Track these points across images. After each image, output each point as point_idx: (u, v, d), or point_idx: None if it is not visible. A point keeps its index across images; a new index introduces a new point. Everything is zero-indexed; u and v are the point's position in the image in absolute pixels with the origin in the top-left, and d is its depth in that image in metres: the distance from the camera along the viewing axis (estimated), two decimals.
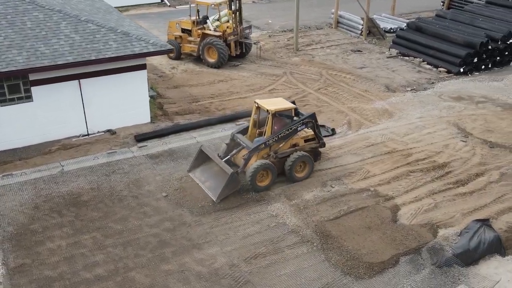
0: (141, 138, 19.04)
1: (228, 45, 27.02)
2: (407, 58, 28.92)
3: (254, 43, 28.00)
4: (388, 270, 12.93)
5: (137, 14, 37.74)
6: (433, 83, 25.55)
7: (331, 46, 31.27)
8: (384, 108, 22.29)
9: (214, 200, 15.21)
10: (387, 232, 14.19)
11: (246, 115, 21.07)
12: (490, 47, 26.92)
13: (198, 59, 27.55)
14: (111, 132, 19.50)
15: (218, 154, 16.54)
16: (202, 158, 16.48)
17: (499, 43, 27.35)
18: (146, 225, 14.42)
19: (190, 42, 27.72)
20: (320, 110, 21.97)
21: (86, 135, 19.17)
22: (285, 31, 34.21)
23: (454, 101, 23.11)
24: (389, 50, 30.04)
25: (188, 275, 12.63)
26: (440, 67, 27.17)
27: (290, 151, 16.36)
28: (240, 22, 27.43)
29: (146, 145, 18.55)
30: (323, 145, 17.18)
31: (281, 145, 16.22)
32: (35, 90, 17.87)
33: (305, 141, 16.85)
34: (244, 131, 16.90)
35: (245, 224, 14.54)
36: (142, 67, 19.54)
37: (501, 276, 13.34)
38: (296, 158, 16.04)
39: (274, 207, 15.27)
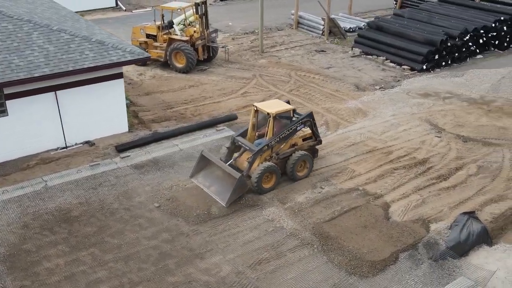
0: (122, 148, 18.70)
1: (196, 50, 26.87)
2: (370, 56, 29.65)
3: (222, 47, 27.96)
4: (390, 267, 13.30)
5: (94, 19, 36.82)
6: (399, 80, 26.33)
7: (295, 47, 31.63)
8: (358, 107, 22.80)
9: (224, 204, 15.26)
10: (382, 230, 14.57)
11: (225, 119, 21.09)
12: (449, 44, 27.98)
13: (165, 65, 27.26)
14: (89, 143, 19.05)
15: (220, 158, 16.50)
16: (203, 163, 16.49)
17: (457, 40, 28.49)
18: (144, 238, 14.21)
19: (156, 47, 27.38)
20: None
21: (64, 148, 18.65)
22: (247, 33, 34.32)
23: (422, 98, 23.92)
24: (352, 49, 30.70)
25: (196, 286, 12.56)
26: (404, 65, 28.01)
27: (291, 151, 16.66)
28: (207, 26, 27.35)
29: (129, 155, 18.23)
30: (320, 142, 17.59)
31: (282, 146, 16.45)
32: (10, 104, 17.24)
33: (303, 140, 17.18)
34: (243, 134, 16.95)
35: (243, 231, 14.58)
36: (119, 76, 19.19)
37: (490, 265, 13.93)
38: (297, 157, 16.39)
39: (269, 212, 15.37)
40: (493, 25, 29.96)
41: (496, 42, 30.85)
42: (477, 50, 29.91)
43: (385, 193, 16.37)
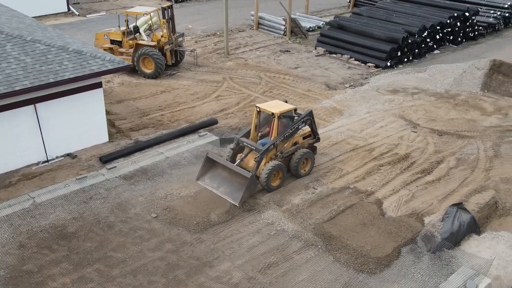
0: (106, 159, 18.31)
1: (164, 54, 26.60)
2: (334, 55, 30.28)
3: (191, 51, 27.80)
4: (394, 262, 13.75)
5: (48, 26, 35.63)
6: (366, 78, 27.06)
7: (259, 48, 31.85)
8: (333, 106, 23.28)
9: (236, 204, 15.47)
10: (381, 226, 15.02)
11: (206, 124, 21.03)
12: (409, 41, 28.99)
13: (132, 70, 26.81)
14: (71, 156, 18.55)
15: (226, 159, 16.68)
16: (209, 165, 16.64)
17: (416, 36, 29.54)
18: (148, 250, 14.03)
19: (122, 53, 26.87)
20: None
21: (46, 162, 18.08)
22: (209, 36, 34.24)
23: (392, 94, 24.69)
24: (316, 48, 31.23)
25: None
26: (368, 62, 28.78)
27: (294, 149, 17.16)
28: (174, 30, 27.12)
29: (115, 166, 17.88)
30: (318, 140, 18.13)
31: (285, 144, 16.90)
32: None
33: (303, 138, 17.66)
34: (246, 135, 17.17)
35: (246, 236, 14.65)
36: (98, 85, 18.79)
37: (483, 252, 14.66)
38: (301, 155, 16.96)
39: (267, 215, 15.51)
40: (448, 21, 31.23)
41: (451, 38, 32.18)
42: (434, 46, 31.15)
43: (376, 190, 16.85)
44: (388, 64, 28.26)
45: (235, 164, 16.49)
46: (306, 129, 17.68)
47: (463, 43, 32.93)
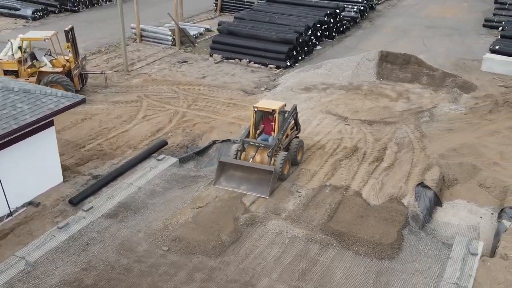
0: (77, 200, 17.18)
1: (72, 79, 25.11)
2: (232, 61, 31.21)
3: (101, 73, 26.55)
4: (403, 244, 15.41)
5: None
6: (275, 79, 28.56)
7: (155, 61, 31.47)
8: None
9: (266, 196, 17.19)
10: (375, 215, 16.61)
11: (158, 147, 20.64)
12: (300, 40, 31.15)
13: None
14: (33, 204, 17.04)
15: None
16: (221, 168, 17.97)
17: (304, 35, 31.83)
18: (182, 284, 13.81)
19: None
20: (211, 126, 22.78)
21: (10, 216, 16.39)
22: (94, 53, 32.74)
23: (306, 92, 26.53)
24: (212, 56, 31.84)
25: None
26: (269, 64, 30.29)
27: (289, 140, 19.16)
28: (78, 53, 25.69)
29: (92, 207, 16.88)
30: (299, 130, 20.32)
31: (284, 137, 18.77)
32: None
33: (290, 129, 19.42)
34: (248, 136, 18.74)
35: (265, 250, 15.14)
36: (50, 124, 17.44)
37: (453, 220, 17.06)
38: (297, 144, 19.22)
39: (272, 226, 16.13)
40: (325, 18, 34.11)
41: (327, 33, 35.17)
42: (317, 42, 33.79)
43: (349, 184, 18.41)
44: (288, 64, 30.07)
45: (251, 160, 18.11)
46: (292, 121, 19.45)
47: (336, 37, 36.14)
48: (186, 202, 17.23)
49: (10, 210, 16.43)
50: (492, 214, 17.31)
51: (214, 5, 43.18)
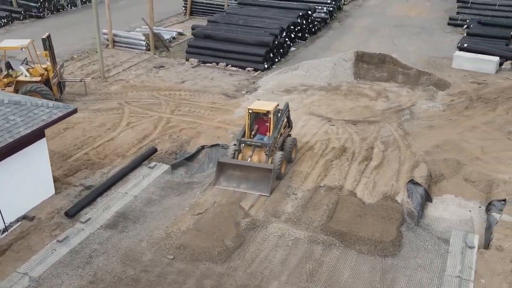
0: (73, 212, 16.93)
1: (51, 88, 24.62)
2: (209, 64, 31.18)
3: (80, 81, 26.09)
4: (403, 241, 15.84)
5: None
6: (254, 82, 28.71)
7: (131, 67, 31.14)
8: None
9: (267, 194, 17.63)
10: (373, 213, 16.97)
11: (148, 155, 20.50)
12: (276, 42, 31.41)
13: None
14: (28, 218, 16.69)
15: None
16: (220, 169, 18.24)
17: (279, 37, 32.10)
18: None
19: None
20: (198, 131, 22.75)
21: (5, 231, 16.00)
22: (67, 60, 32.10)
23: (287, 94, 26.80)
24: (188, 60, 31.73)
25: None
26: (247, 67, 30.41)
27: (283, 139, 19.69)
28: (55, 61, 25.20)
29: (90, 218, 16.65)
30: (291, 128, 20.90)
31: (278, 135, 19.33)
32: None
33: (283, 128, 19.77)
34: (244, 136, 19.13)
35: (270, 252, 15.30)
36: (42, 135, 17.11)
37: (444, 215, 17.65)
38: (291, 142, 19.83)
39: (273, 229, 16.29)
40: (298, 20, 34.49)
41: (300, 34, 35.56)
42: (290, 44, 34.13)
43: (343, 184, 18.75)
44: (266, 66, 30.28)
45: (249, 160, 18.52)
46: (285, 119, 19.93)
47: (308, 38, 36.56)
48: (185, 209, 17.19)
49: (5, 225, 16.02)
50: (480, 207, 17.95)
51: (184, 8, 42.97)
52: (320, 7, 39.93)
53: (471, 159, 20.47)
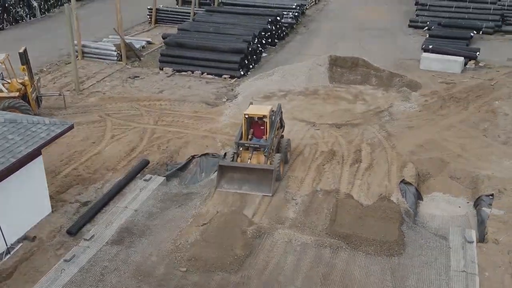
0: (75, 230, 16.67)
1: (29, 103, 24.04)
2: (185, 73, 31.13)
3: (59, 95, 25.53)
4: (406, 240, 16.41)
5: None
6: (233, 90, 28.89)
7: (104, 78, 30.69)
8: (232, 122, 24.52)
9: (270, 194, 18.17)
10: (373, 215, 17.48)
11: (141, 167, 20.37)
12: (250, 49, 31.70)
13: None
14: (29, 238, 16.31)
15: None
16: (221, 172, 18.56)
17: (252, 44, 32.42)
18: None
19: None
20: (185, 140, 22.75)
21: (8, 254, 15.59)
22: (36, 73, 31.17)
23: (267, 100, 27.12)
24: (162, 69, 31.56)
25: None
26: (223, 74, 30.55)
27: (277, 140, 20.24)
28: (32, 75, 24.61)
29: (93, 235, 16.44)
30: (284, 128, 21.52)
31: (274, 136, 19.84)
32: None
33: (277, 129, 20.28)
34: (241, 139, 19.49)
35: (281, 259, 15.51)
36: (38, 153, 16.75)
37: (436, 212, 18.40)
38: (286, 142, 20.57)
39: (279, 235, 16.53)
40: (269, 26, 34.91)
41: (269, 40, 36.01)
42: (262, 50, 34.51)
43: (338, 187, 19.21)
44: (242, 73, 30.52)
45: (249, 162, 18.97)
46: (278, 120, 20.43)
47: (277, 43, 37.05)
48: (188, 220, 17.22)
49: (7, 247, 15.61)
50: (468, 203, 18.78)
51: (148, 17, 42.60)
52: (286, 12, 40.47)
53: (453, 157, 21.38)
